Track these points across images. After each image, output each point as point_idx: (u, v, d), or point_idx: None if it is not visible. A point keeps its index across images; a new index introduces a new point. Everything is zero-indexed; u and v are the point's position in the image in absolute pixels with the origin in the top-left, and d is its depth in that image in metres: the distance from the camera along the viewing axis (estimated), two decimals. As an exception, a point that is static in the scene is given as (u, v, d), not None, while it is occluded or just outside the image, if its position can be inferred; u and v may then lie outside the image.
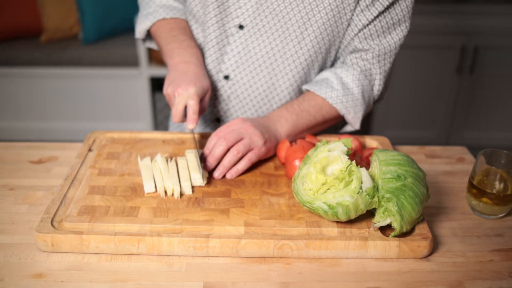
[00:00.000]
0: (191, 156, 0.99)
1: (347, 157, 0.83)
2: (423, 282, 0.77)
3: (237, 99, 1.18)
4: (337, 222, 0.84)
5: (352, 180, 0.80)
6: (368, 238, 0.80)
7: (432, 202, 0.95)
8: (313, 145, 0.99)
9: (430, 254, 0.82)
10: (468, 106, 2.79)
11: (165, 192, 0.91)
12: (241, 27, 1.10)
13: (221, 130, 1.00)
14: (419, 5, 2.56)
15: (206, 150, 1.00)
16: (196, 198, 0.91)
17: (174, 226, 0.83)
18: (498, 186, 0.89)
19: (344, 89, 1.10)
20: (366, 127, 2.85)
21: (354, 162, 0.82)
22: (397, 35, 1.09)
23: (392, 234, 0.81)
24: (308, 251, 0.80)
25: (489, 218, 0.92)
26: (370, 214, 0.85)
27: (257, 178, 0.98)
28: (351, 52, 1.12)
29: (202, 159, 1.00)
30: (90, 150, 1.06)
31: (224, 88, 1.17)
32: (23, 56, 2.76)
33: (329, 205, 0.79)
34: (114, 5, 2.78)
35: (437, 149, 1.15)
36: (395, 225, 0.80)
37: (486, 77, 2.72)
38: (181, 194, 0.91)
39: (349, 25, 1.08)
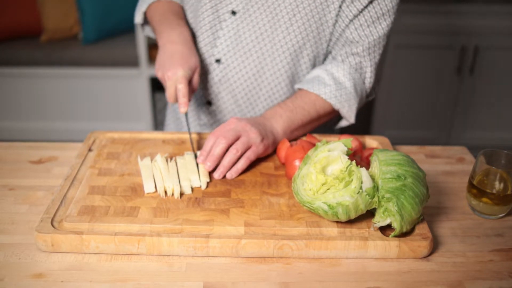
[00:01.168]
0: (190, 158, 1.00)
1: (347, 157, 0.83)
2: (423, 282, 0.77)
3: (227, 83, 1.20)
4: (337, 222, 0.84)
5: (352, 180, 0.80)
6: (368, 238, 0.80)
7: (432, 202, 0.95)
8: (313, 145, 0.99)
9: (430, 254, 0.82)
10: (468, 106, 2.79)
11: (165, 192, 0.91)
12: (233, 13, 1.13)
13: (218, 130, 1.00)
14: (419, 5, 2.56)
15: (204, 151, 1.00)
16: (196, 198, 0.91)
17: (174, 226, 0.83)
18: (498, 186, 0.89)
19: (337, 84, 1.12)
20: (366, 127, 2.85)
21: (354, 162, 0.82)
22: (386, 26, 1.11)
23: (392, 234, 0.81)
24: (308, 251, 0.80)
25: (489, 218, 0.92)
26: (370, 214, 0.85)
27: (257, 178, 0.98)
28: (343, 46, 1.13)
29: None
30: (90, 150, 1.06)
31: (216, 72, 1.19)
32: (23, 56, 2.76)
33: (329, 205, 0.79)
34: (114, 5, 2.78)
35: (437, 149, 1.15)
36: (395, 225, 0.80)
37: (486, 77, 2.72)
38: (181, 194, 0.91)
39: (338, 15, 1.10)
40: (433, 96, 2.78)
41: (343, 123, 1.21)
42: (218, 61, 1.18)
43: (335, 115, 1.20)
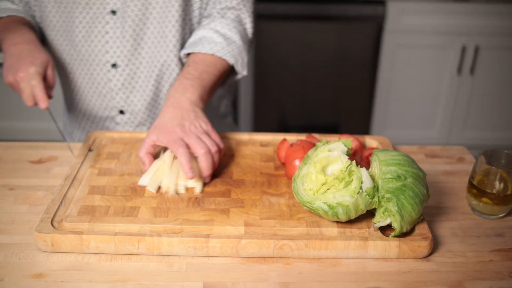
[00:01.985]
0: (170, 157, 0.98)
1: (347, 157, 0.83)
2: (423, 282, 0.77)
3: (132, 83, 1.19)
4: (337, 222, 0.84)
5: (352, 180, 0.80)
6: (368, 238, 0.80)
7: (432, 202, 0.95)
8: (313, 145, 0.99)
9: (430, 254, 0.82)
10: (468, 106, 2.79)
11: (159, 189, 0.92)
12: (113, 12, 1.12)
13: (179, 144, 0.93)
14: (420, 4, 2.56)
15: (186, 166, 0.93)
16: (196, 198, 0.91)
17: (174, 226, 0.83)
18: (498, 186, 0.89)
19: (226, 39, 1.12)
20: (366, 127, 2.85)
21: (354, 162, 0.82)
22: None
23: (392, 234, 0.81)
24: (308, 251, 0.80)
25: (489, 218, 0.92)
26: (370, 214, 0.85)
27: (257, 178, 0.98)
28: (216, 3, 1.16)
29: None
30: (90, 150, 1.06)
31: (116, 77, 1.18)
32: (23, 56, 2.75)
33: (329, 205, 0.79)
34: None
35: (437, 149, 1.15)
36: (395, 225, 0.80)
37: (486, 77, 2.72)
38: (176, 193, 0.91)
39: None
40: (433, 96, 2.78)
41: (237, 78, 1.20)
42: (114, 65, 1.17)
43: (229, 71, 1.18)
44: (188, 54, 1.15)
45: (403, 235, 0.82)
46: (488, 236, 0.87)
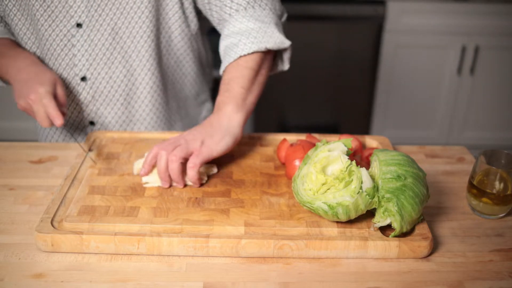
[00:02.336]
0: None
1: (347, 157, 0.83)
2: (423, 282, 0.77)
3: (102, 96, 1.18)
4: (337, 222, 0.84)
5: (352, 180, 0.80)
6: (368, 238, 0.80)
7: (432, 202, 0.95)
8: (313, 145, 0.99)
9: (430, 254, 0.82)
10: (468, 106, 2.79)
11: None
12: (79, 25, 1.10)
13: (158, 145, 0.95)
14: (420, 4, 2.56)
15: (145, 163, 0.95)
16: (196, 198, 0.91)
17: (174, 226, 0.83)
18: (498, 186, 0.89)
19: (243, 34, 1.04)
20: (366, 127, 2.85)
21: (354, 162, 0.82)
22: None
23: (392, 234, 0.81)
24: (308, 251, 0.80)
25: (489, 218, 0.92)
26: (370, 214, 0.85)
27: (257, 178, 0.98)
28: (222, 7, 1.08)
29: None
30: (90, 150, 1.06)
31: (86, 90, 1.17)
32: (23, 56, 2.75)
33: (329, 205, 0.79)
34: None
35: (437, 149, 1.15)
36: (395, 225, 0.80)
37: (486, 77, 2.72)
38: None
39: None
40: (433, 96, 2.78)
41: (284, 58, 1.11)
42: (83, 79, 1.16)
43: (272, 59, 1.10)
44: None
45: (403, 235, 0.82)
46: (488, 236, 0.87)
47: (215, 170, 0.99)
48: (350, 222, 0.84)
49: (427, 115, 2.83)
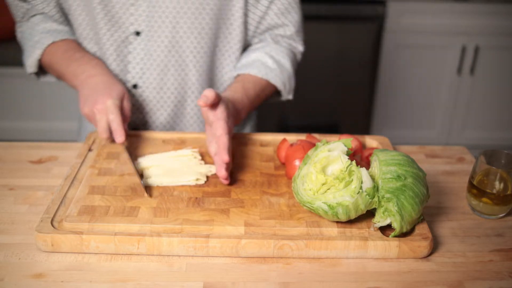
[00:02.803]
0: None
1: (347, 157, 0.83)
2: (423, 282, 0.77)
3: (150, 105, 1.19)
4: (337, 222, 0.84)
5: (352, 180, 0.80)
6: (368, 238, 0.80)
7: (432, 202, 0.95)
8: (313, 145, 0.99)
9: (430, 254, 0.82)
10: (468, 106, 2.79)
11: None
12: (137, 33, 1.11)
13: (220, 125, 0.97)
14: (420, 4, 2.56)
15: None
16: (196, 198, 0.91)
17: (174, 226, 0.83)
18: (498, 186, 0.89)
19: (279, 66, 1.16)
20: (366, 127, 2.85)
21: (354, 162, 0.82)
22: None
23: (392, 234, 0.81)
24: (308, 251, 0.80)
25: (489, 218, 0.92)
26: (370, 214, 0.85)
27: (257, 178, 0.98)
28: (269, 29, 1.16)
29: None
30: (90, 150, 1.06)
31: (135, 97, 1.18)
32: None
33: (329, 205, 0.79)
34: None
35: (437, 149, 1.15)
36: (395, 225, 0.80)
37: (486, 77, 2.72)
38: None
39: (247, 9, 1.13)
40: (433, 96, 2.78)
41: (280, 99, 1.25)
42: (135, 86, 1.16)
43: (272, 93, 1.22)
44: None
45: (403, 235, 0.82)
46: (488, 236, 0.87)
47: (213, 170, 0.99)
48: (350, 222, 0.84)
49: (427, 115, 2.83)
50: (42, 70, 1.21)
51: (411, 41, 2.65)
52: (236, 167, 1.01)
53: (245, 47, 1.22)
